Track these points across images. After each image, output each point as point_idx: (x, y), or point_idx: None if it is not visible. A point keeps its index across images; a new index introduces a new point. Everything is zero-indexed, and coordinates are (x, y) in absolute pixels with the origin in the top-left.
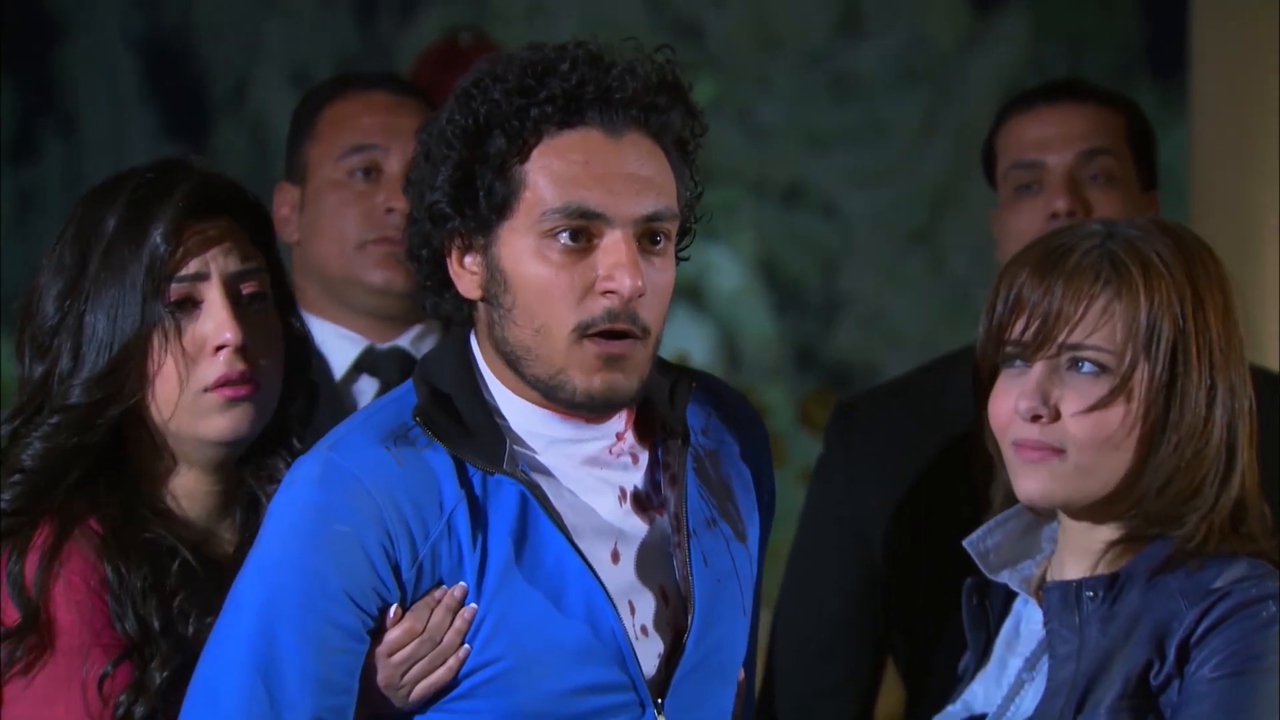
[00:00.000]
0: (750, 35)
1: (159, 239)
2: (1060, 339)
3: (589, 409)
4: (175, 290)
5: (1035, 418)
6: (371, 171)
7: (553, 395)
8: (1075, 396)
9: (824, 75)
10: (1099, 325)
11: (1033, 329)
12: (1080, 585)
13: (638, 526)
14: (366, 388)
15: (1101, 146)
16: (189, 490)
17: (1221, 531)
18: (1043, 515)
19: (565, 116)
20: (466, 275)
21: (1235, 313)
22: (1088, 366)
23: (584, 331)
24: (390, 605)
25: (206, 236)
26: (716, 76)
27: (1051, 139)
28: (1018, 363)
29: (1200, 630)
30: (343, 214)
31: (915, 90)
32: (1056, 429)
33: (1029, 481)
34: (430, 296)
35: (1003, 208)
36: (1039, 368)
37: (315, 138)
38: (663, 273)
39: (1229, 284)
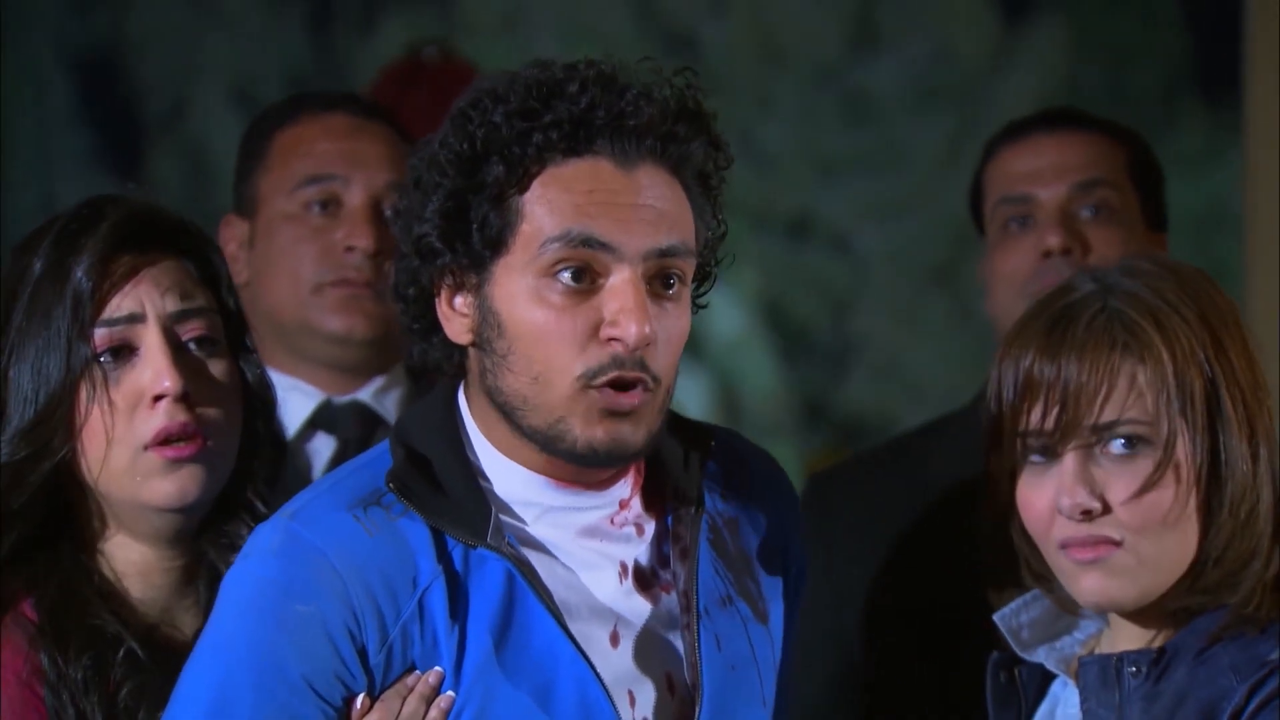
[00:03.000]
0: (751, 49)
1: (81, 275)
2: (1089, 421)
3: (591, 463)
4: (107, 335)
5: (1085, 513)
6: (329, 204)
7: (552, 447)
8: (1120, 481)
9: (835, 94)
10: (1128, 397)
11: (1053, 415)
12: (1121, 660)
13: (640, 606)
14: (323, 447)
15: (1098, 177)
16: (140, 566)
17: (1275, 593)
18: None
19: (572, 144)
20: (457, 318)
21: (1252, 346)
22: (1124, 445)
23: (589, 380)
24: (357, 695)
25: (140, 273)
26: (713, 95)
27: (1043, 170)
28: (1039, 457)
29: (1253, 706)
30: (297, 252)
31: (938, 111)
32: (1108, 521)
33: (1089, 584)
34: (417, 341)
35: (991, 250)
36: (1070, 457)
37: (266, 166)
38: (676, 320)
39: (1238, 312)
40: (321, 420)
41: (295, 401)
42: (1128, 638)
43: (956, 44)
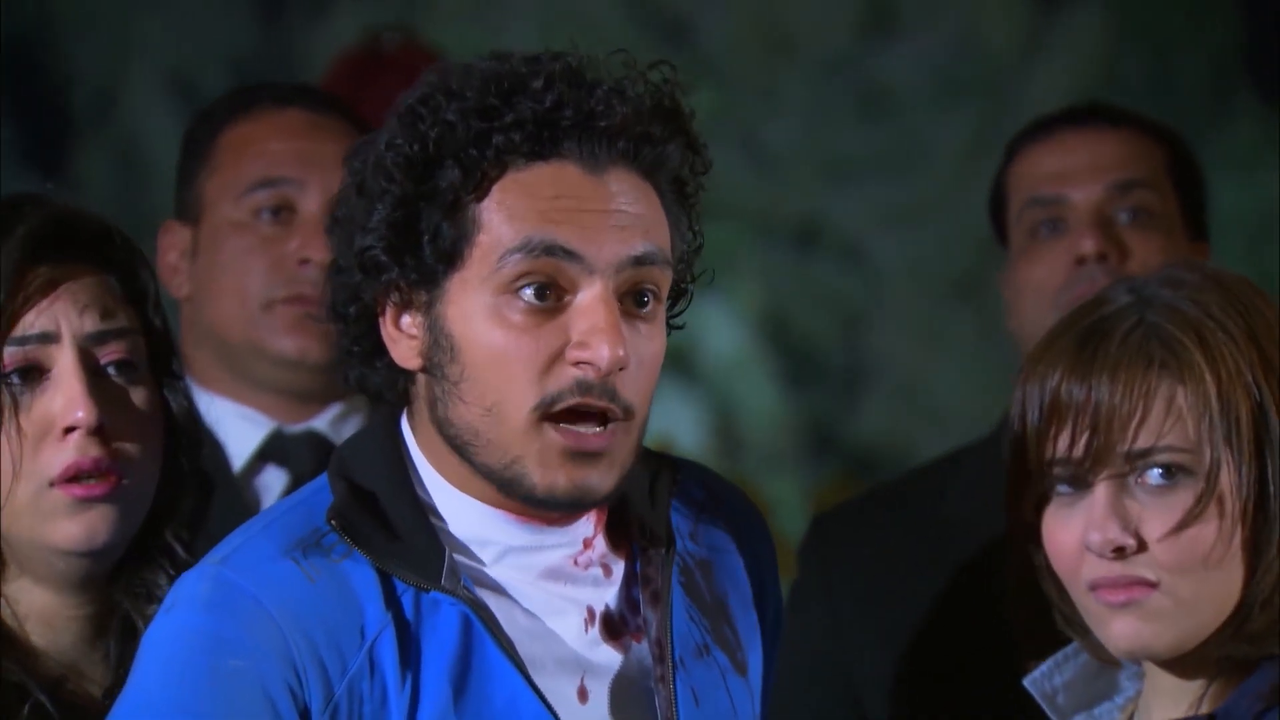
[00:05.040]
0: (755, 37)
1: None
2: (1122, 448)
3: (552, 509)
4: (18, 354)
5: (1117, 551)
6: (282, 211)
7: (508, 490)
8: (1158, 515)
9: (847, 87)
10: (1165, 421)
11: (1083, 441)
12: None
13: (609, 656)
14: (273, 481)
15: (1136, 178)
16: (44, 613)
17: None
18: None
19: (536, 146)
20: (404, 339)
21: None
22: (1162, 475)
23: (546, 411)
24: None
25: (57, 288)
26: (712, 89)
27: (1075, 169)
28: (1067, 487)
29: None
30: (246, 264)
31: (962, 107)
32: (1143, 559)
33: (1121, 630)
34: (356, 366)
35: (1016, 258)
36: (1102, 487)
37: (212, 167)
38: (650, 341)
39: None
40: (272, 452)
41: (243, 431)
42: (1167, 693)
43: (983, 32)
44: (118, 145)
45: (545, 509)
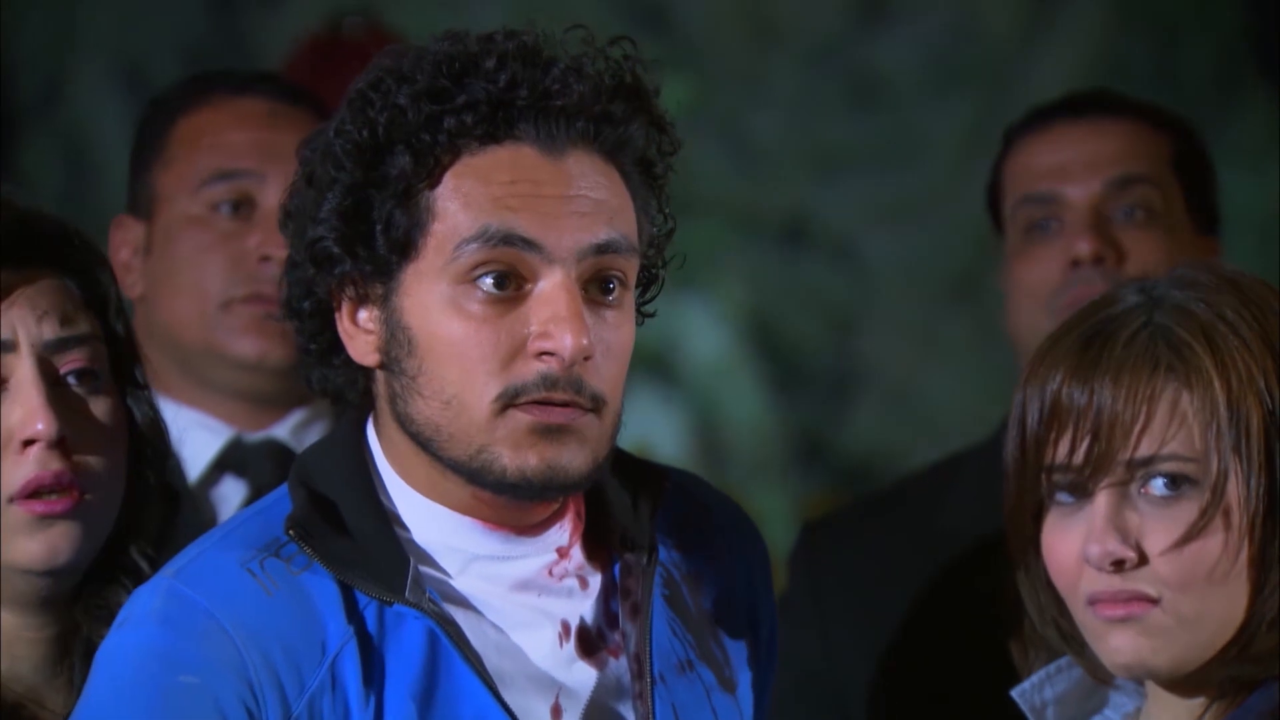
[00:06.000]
0: (737, 22)
1: None
2: (1124, 455)
3: (526, 495)
4: None
5: (1117, 564)
6: (241, 206)
7: (479, 480)
8: (1160, 527)
9: (836, 75)
10: (1169, 428)
11: (1084, 447)
12: None
13: (585, 673)
14: (231, 492)
15: (1137, 173)
16: (5, 636)
17: None
18: None
19: (490, 129)
20: (361, 335)
21: None
22: (1166, 485)
23: (510, 400)
24: None
25: (13, 293)
26: (693, 77)
27: (1071, 164)
28: (1067, 496)
29: None
30: (203, 262)
31: (958, 95)
32: (1144, 573)
33: (1119, 645)
34: (315, 365)
35: (1011, 257)
36: (1103, 497)
37: (166, 159)
38: (617, 329)
39: None
40: (230, 461)
41: (199, 439)
42: (1166, 711)
43: (981, 16)
44: (64, 137)
45: (518, 495)
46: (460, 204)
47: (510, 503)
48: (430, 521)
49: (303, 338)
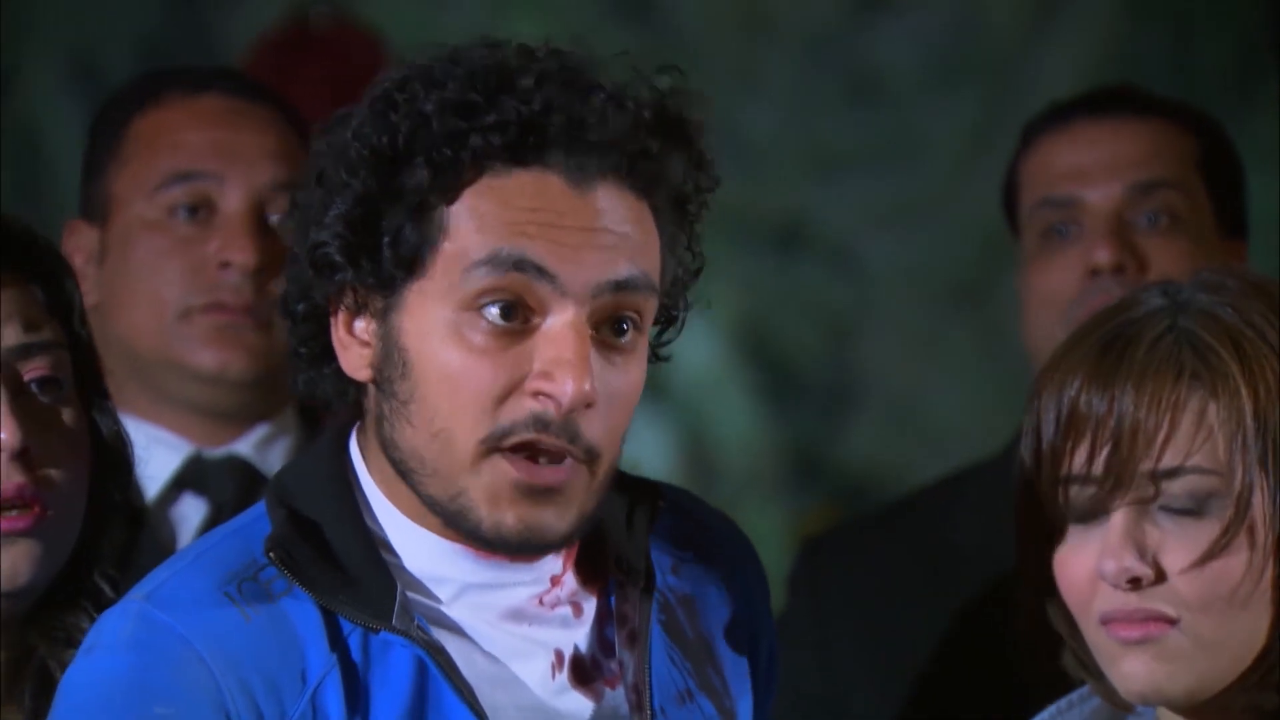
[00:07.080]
0: (730, 14)
1: None
2: (1146, 466)
3: (502, 551)
4: None
5: (1133, 581)
6: (200, 209)
7: (455, 524)
8: (1180, 544)
9: (834, 71)
10: (1194, 439)
11: (1103, 457)
12: None
13: (580, 705)
14: (191, 512)
15: (1160, 178)
16: None
17: None
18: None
19: (518, 152)
20: (355, 346)
21: None
22: (1188, 500)
23: (496, 444)
24: None
25: None
26: (680, 72)
27: (1091, 167)
28: (1084, 509)
29: None
30: (159, 269)
31: (961, 93)
32: (1162, 592)
33: (1133, 670)
34: (304, 369)
35: (1028, 262)
36: (1121, 511)
37: (121, 161)
38: (625, 375)
39: None
40: (190, 478)
41: (157, 455)
42: None
43: (985, 9)
44: (13, 136)
45: (493, 550)
46: (475, 225)
47: None
48: (418, 547)
49: (294, 340)
